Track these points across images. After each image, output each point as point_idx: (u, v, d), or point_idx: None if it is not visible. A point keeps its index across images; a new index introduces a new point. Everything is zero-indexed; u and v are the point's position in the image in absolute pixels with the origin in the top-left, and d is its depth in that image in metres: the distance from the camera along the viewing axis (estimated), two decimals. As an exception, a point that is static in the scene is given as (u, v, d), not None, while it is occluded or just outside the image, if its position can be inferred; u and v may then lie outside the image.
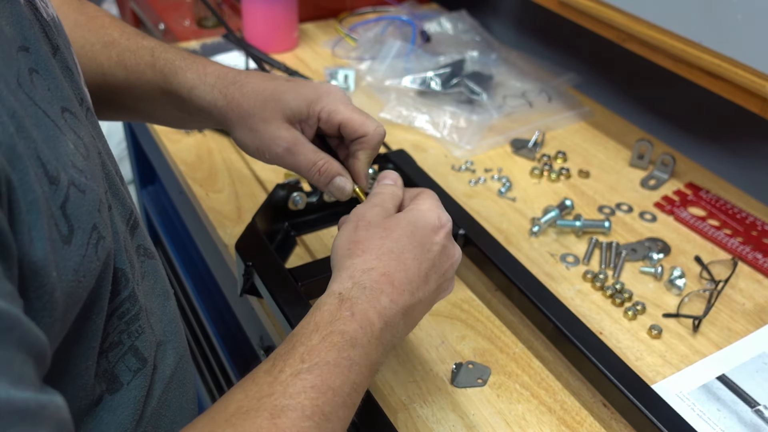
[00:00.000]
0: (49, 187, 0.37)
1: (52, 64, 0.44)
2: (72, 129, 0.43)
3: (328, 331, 0.47)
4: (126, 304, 0.48)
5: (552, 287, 0.78)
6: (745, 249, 0.85)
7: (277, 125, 0.60)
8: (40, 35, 0.44)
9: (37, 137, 0.37)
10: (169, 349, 0.55)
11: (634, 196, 0.95)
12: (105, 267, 0.43)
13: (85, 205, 0.41)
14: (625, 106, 1.19)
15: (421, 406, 0.65)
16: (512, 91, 1.14)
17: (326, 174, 0.60)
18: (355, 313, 0.48)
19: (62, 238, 0.38)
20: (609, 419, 0.65)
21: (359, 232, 0.53)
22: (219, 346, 1.13)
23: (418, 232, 0.54)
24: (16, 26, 0.41)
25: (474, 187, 0.95)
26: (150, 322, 0.52)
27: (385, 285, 0.50)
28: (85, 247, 0.40)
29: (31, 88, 0.40)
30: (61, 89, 0.45)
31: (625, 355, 0.71)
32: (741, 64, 0.79)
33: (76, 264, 0.39)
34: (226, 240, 0.83)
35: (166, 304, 0.56)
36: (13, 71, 0.38)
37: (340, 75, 1.15)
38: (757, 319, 0.77)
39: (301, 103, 0.59)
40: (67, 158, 0.40)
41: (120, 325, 0.48)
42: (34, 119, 0.38)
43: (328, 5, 1.39)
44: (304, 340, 0.46)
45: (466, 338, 0.72)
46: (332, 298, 0.49)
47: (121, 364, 0.49)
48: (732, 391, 0.68)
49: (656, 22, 0.88)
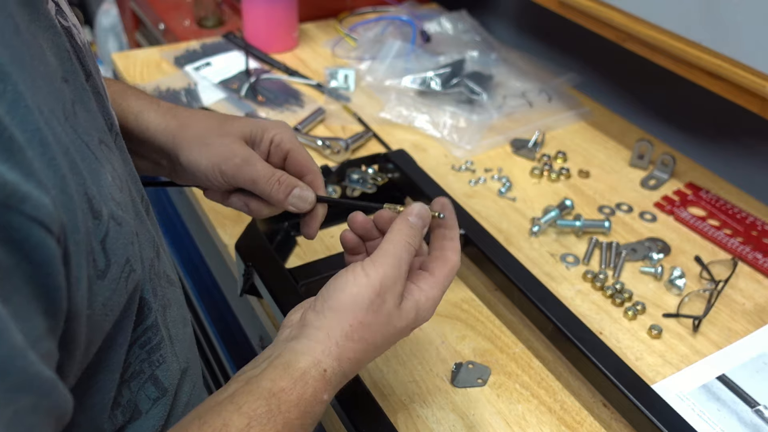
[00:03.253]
0: (93, 222, 0.37)
1: (87, 94, 0.44)
2: (109, 161, 0.43)
3: (304, 411, 0.45)
4: (148, 333, 0.48)
5: (552, 287, 0.78)
6: (745, 249, 0.85)
7: (233, 140, 0.59)
8: (76, 64, 0.43)
9: (84, 172, 0.37)
10: (187, 376, 0.55)
11: (634, 196, 0.95)
12: (131, 298, 0.43)
13: (121, 239, 0.40)
14: (625, 106, 1.19)
15: (421, 406, 0.65)
16: (512, 91, 1.14)
17: (286, 184, 0.58)
18: (329, 397, 0.48)
19: (98, 273, 0.38)
20: (609, 419, 0.65)
21: (369, 314, 0.49)
22: (219, 346, 1.13)
23: (404, 332, 0.52)
24: (57, 56, 0.41)
25: (474, 187, 0.95)
26: (175, 350, 0.52)
27: (353, 371, 0.50)
28: (117, 281, 0.40)
29: (75, 121, 0.39)
30: (96, 119, 0.44)
31: (625, 355, 0.71)
32: (741, 64, 0.79)
33: (105, 299, 0.39)
34: (226, 240, 0.83)
35: (185, 330, 0.56)
36: (60, 105, 0.37)
37: (340, 75, 1.15)
38: (757, 319, 0.77)
39: (255, 127, 0.60)
40: (106, 191, 0.40)
41: (141, 354, 0.48)
42: (80, 154, 0.38)
43: (328, 5, 1.39)
44: (285, 410, 0.44)
45: (466, 338, 0.72)
46: (318, 374, 0.47)
47: (141, 393, 0.49)
48: (732, 391, 0.68)
49: (656, 22, 0.88)
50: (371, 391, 0.60)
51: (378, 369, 0.68)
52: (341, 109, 1.08)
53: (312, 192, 0.59)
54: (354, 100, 1.11)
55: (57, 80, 0.39)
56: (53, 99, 0.36)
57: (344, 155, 0.97)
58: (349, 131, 1.04)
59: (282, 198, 0.58)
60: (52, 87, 0.37)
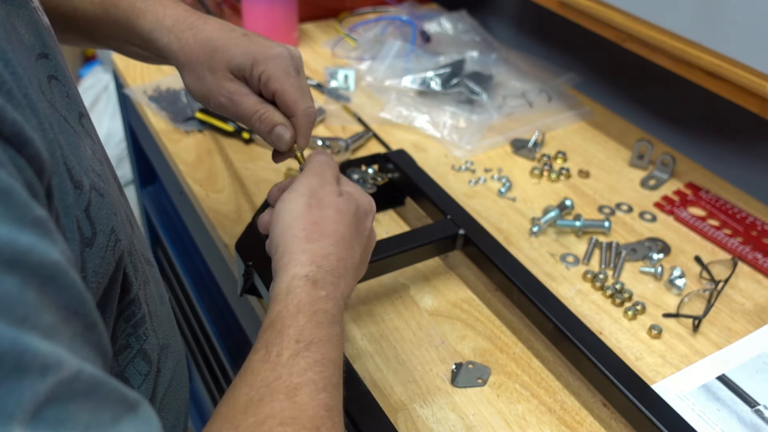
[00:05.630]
0: (74, 191, 0.38)
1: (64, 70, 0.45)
2: (88, 134, 0.44)
3: (311, 312, 0.48)
4: (132, 307, 0.49)
5: (552, 287, 0.78)
6: (745, 249, 0.85)
7: (222, 75, 0.60)
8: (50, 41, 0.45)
9: (63, 143, 0.38)
10: (170, 353, 0.55)
11: (634, 196, 0.95)
12: (117, 268, 0.44)
13: (104, 209, 0.42)
14: (625, 106, 1.19)
15: (421, 406, 0.65)
16: (512, 91, 1.14)
17: (266, 122, 0.60)
18: (328, 293, 0.50)
19: (85, 241, 0.39)
20: (609, 419, 0.65)
21: (313, 210, 0.53)
22: (219, 346, 1.13)
23: (359, 218, 0.56)
24: (34, 33, 0.42)
25: (474, 187, 0.95)
26: (153, 326, 0.53)
27: (342, 270, 0.52)
28: (104, 250, 0.41)
29: (51, 96, 0.40)
30: (76, 95, 0.46)
31: (625, 355, 0.71)
32: (741, 64, 0.79)
33: (95, 266, 0.40)
34: (226, 240, 0.83)
35: (162, 308, 0.57)
36: (36, 79, 0.39)
37: (340, 75, 1.15)
38: (757, 319, 0.77)
39: (246, 60, 0.59)
40: (87, 163, 0.41)
41: (127, 328, 0.49)
42: (58, 126, 0.39)
43: (328, 5, 1.39)
44: (291, 322, 0.47)
45: (466, 338, 0.72)
46: (301, 281, 0.50)
47: (131, 367, 0.50)
48: (732, 391, 0.68)
49: (656, 22, 0.88)
50: (371, 391, 0.60)
51: (378, 369, 0.68)
52: (341, 109, 1.08)
53: (289, 134, 0.60)
54: (354, 100, 1.11)
55: (32, 57, 0.40)
56: (31, 73, 0.37)
57: (344, 155, 0.97)
58: (349, 131, 1.04)
59: (265, 134, 0.60)
60: (29, 62, 0.38)
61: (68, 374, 0.27)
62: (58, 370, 0.27)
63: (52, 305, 0.29)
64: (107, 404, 0.29)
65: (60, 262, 0.30)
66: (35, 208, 0.29)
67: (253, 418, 0.41)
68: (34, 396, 0.26)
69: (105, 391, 0.29)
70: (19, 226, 0.28)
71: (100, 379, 0.29)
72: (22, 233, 0.28)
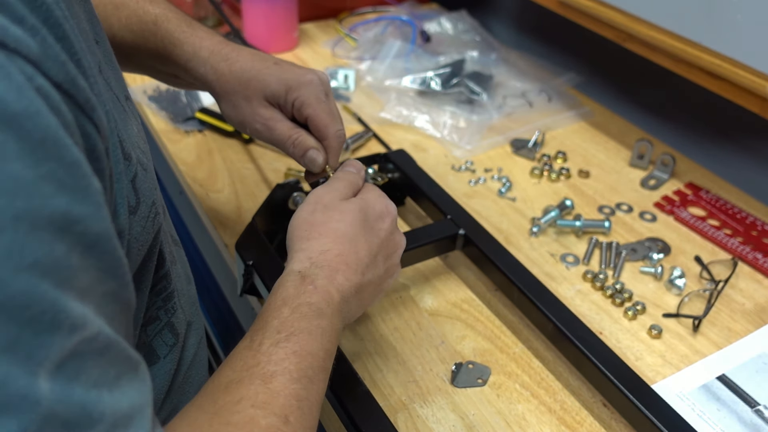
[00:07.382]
0: (124, 162, 0.42)
1: (112, 56, 0.49)
2: (133, 115, 0.48)
3: (296, 304, 0.50)
4: (163, 282, 0.52)
5: (552, 287, 0.78)
6: (745, 249, 0.85)
7: (258, 103, 0.64)
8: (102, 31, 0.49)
9: (116, 118, 0.41)
10: (193, 330, 0.59)
11: (634, 196, 0.95)
12: (155, 240, 0.48)
13: (147, 182, 0.45)
14: (625, 106, 1.19)
15: (421, 406, 0.65)
16: (512, 91, 1.14)
17: (300, 147, 0.63)
18: (317, 287, 0.51)
19: (130, 208, 0.42)
20: (609, 419, 0.65)
21: (316, 214, 0.56)
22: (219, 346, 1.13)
23: (369, 219, 0.58)
24: (89, 21, 0.45)
25: (474, 187, 0.95)
26: (181, 303, 0.56)
27: (340, 264, 0.54)
28: (146, 219, 0.45)
29: (108, 77, 0.44)
30: (122, 79, 0.50)
31: (625, 355, 0.71)
32: (741, 64, 0.79)
33: (137, 233, 0.43)
34: (226, 240, 0.83)
35: (189, 287, 0.60)
36: (95, 61, 0.42)
37: (340, 75, 1.15)
38: (757, 319, 0.77)
39: (281, 87, 0.63)
40: (134, 140, 0.45)
41: (157, 301, 0.52)
42: (112, 103, 0.42)
43: (328, 5, 1.39)
44: (276, 314, 0.49)
45: (466, 338, 0.72)
46: (293, 276, 0.52)
47: (159, 339, 0.53)
48: (732, 391, 0.68)
49: (656, 22, 0.88)
50: (371, 390, 0.60)
51: (378, 369, 0.68)
52: (341, 109, 1.08)
53: (321, 157, 0.64)
54: (354, 100, 1.11)
55: (90, 42, 0.43)
56: (90, 55, 0.40)
57: (344, 155, 0.97)
58: (349, 131, 1.04)
59: (298, 158, 0.64)
60: (88, 45, 0.42)
61: (90, 334, 0.31)
62: (83, 329, 0.31)
63: (91, 268, 0.32)
64: (115, 362, 0.33)
65: (104, 231, 0.33)
66: (94, 182, 0.32)
67: (230, 397, 0.43)
68: (60, 350, 0.29)
69: (115, 351, 0.33)
70: (78, 198, 0.31)
71: (113, 339, 0.33)
72: (79, 204, 0.31)
